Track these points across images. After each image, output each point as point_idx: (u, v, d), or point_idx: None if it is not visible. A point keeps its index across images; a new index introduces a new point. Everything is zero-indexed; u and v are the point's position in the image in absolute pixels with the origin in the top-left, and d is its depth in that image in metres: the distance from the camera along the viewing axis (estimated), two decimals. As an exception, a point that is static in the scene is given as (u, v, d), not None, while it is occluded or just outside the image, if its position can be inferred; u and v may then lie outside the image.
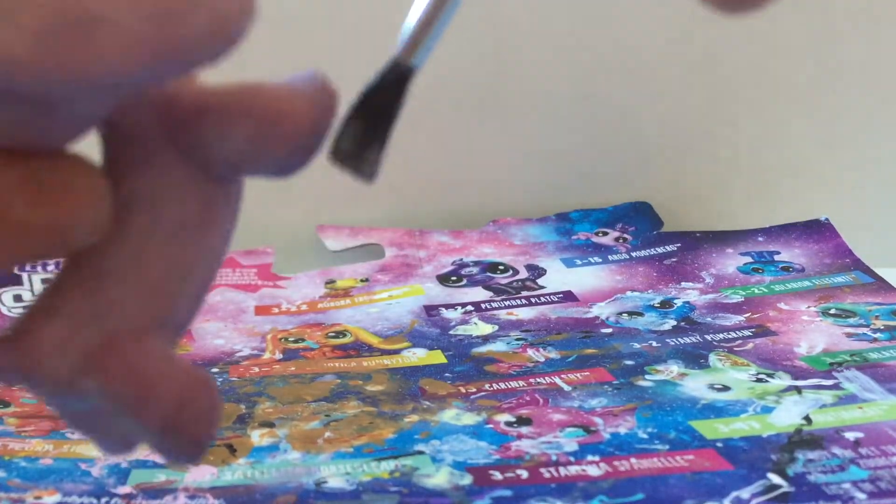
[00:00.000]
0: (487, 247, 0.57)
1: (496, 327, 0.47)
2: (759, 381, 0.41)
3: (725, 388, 0.40)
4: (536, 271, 0.54)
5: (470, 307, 0.50)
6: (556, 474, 0.34)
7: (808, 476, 0.34)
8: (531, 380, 0.42)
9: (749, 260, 0.53)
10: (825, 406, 0.38)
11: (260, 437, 0.37)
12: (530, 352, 0.44)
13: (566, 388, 0.41)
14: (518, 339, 0.46)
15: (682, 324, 0.47)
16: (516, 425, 0.38)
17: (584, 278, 0.53)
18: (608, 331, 0.46)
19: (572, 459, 0.35)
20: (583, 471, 0.35)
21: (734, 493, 0.33)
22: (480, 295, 0.51)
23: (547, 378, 0.42)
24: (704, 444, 0.36)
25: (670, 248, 0.55)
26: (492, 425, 0.38)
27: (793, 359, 0.43)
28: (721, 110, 0.59)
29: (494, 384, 0.41)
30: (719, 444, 0.36)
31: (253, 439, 0.37)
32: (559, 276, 0.53)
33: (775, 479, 0.34)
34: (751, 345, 0.44)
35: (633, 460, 0.35)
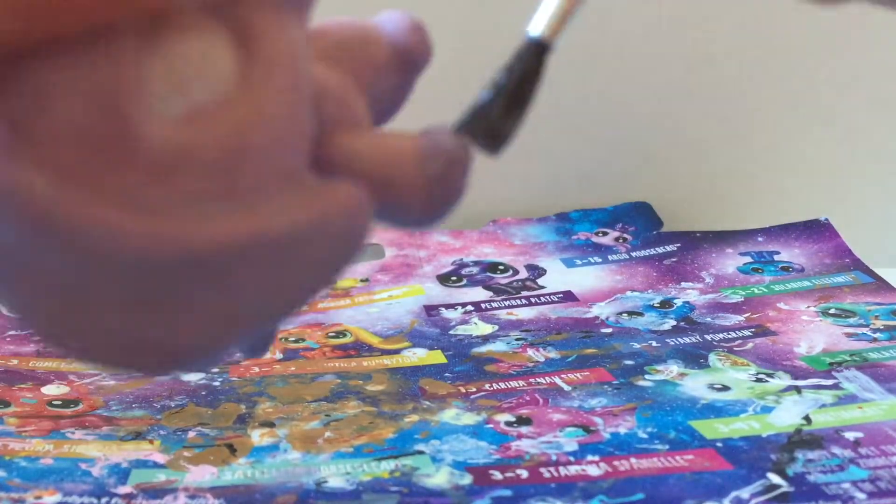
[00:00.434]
0: (487, 247, 0.57)
1: (496, 327, 0.47)
2: (758, 380, 0.41)
3: (725, 388, 0.40)
4: (536, 271, 0.54)
5: (470, 307, 0.50)
6: (555, 474, 0.34)
7: (807, 476, 0.34)
8: (531, 380, 0.42)
9: (749, 260, 0.53)
10: (825, 406, 0.38)
11: (260, 437, 0.37)
12: (530, 352, 0.45)
13: (566, 387, 0.41)
14: (518, 339, 0.46)
15: (682, 324, 0.47)
16: (516, 425, 0.38)
17: (584, 278, 0.53)
18: (608, 331, 0.47)
19: (572, 459, 0.35)
20: (583, 471, 0.35)
21: (734, 492, 0.33)
22: (480, 295, 0.51)
23: (547, 378, 0.42)
24: (704, 444, 0.36)
25: (670, 248, 0.55)
26: (492, 425, 0.38)
27: (792, 359, 0.43)
28: (721, 111, 0.59)
29: (494, 384, 0.41)
30: (719, 444, 0.36)
31: (253, 439, 0.37)
32: (559, 276, 0.53)
33: (775, 478, 0.34)
34: (750, 345, 0.44)
35: (633, 460, 0.35)
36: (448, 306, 0.50)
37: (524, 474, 0.34)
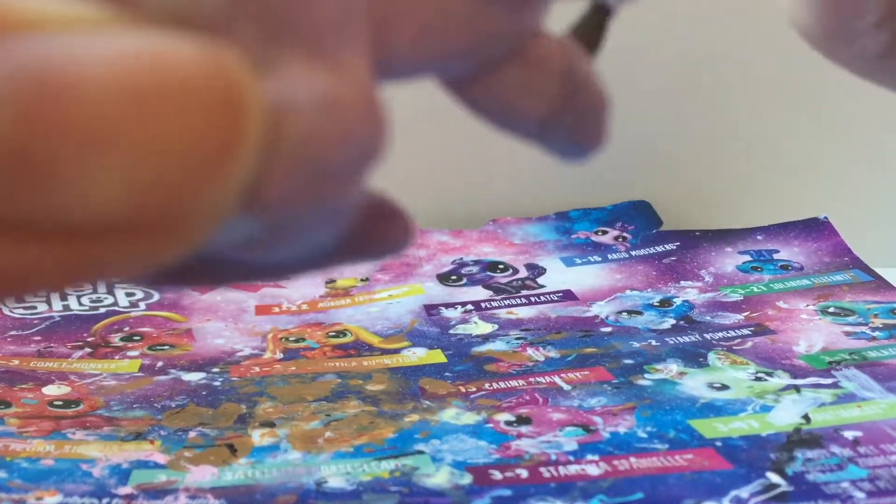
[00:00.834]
0: (487, 246, 0.57)
1: (496, 326, 0.48)
2: (758, 379, 0.41)
3: (724, 387, 0.40)
4: (536, 270, 0.54)
5: (470, 306, 0.50)
6: (555, 473, 0.34)
7: (806, 475, 0.34)
8: (531, 379, 0.42)
9: (748, 258, 0.54)
10: (824, 405, 0.39)
11: (260, 437, 0.37)
12: (530, 351, 0.45)
13: (566, 387, 0.41)
14: (518, 339, 0.46)
15: (682, 322, 0.47)
16: (516, 424, 0.38)
17: (584, 277, 0.53)
18: (608, 330, 0.47)
19: (572, 459, 0.35)
20: (582, 470, 0.35)
21: (733, 492, 0.33)
22: (480, 294, 0.51)
23: (546, 377, 0.42)
24: (703, 444, 0.36)
25: (669, 246, 0.55)
26: (492, 425, 0.38)
27: (792, 357, 0.43)
28: (721, 110, 0.59)
29: (494, 383, 0.42)
30: (718, 444, 0.36)
31: (254, 439, 0.37)
32: (559, 275, 0.53)
33: (774, 478, 0.34)
34: (750, 343, 0.44)
35: (633, 459, 0.35)
36: (448, 306, 0.50)
37: (524, 474, 0.34)
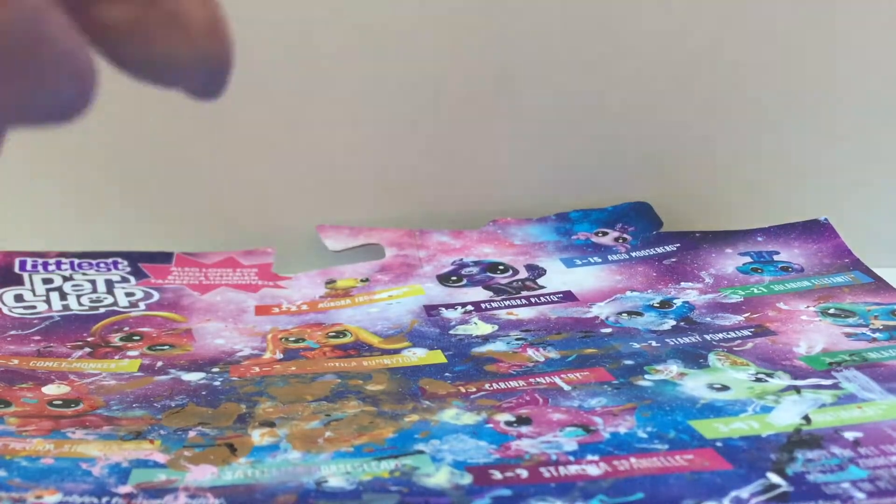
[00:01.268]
0: (487, 247, 0.57)
1: (496, 327, 0.48)
2: (758, 380, 0.41)
3: (725, 388, 0.40)
4: (536, 271, 0.54)
5: (470, 307, 0.50)
6: (555, 474, 0.34)
7: (807, 476, 0.34)
8: (531, 379, 0.42)
9: (748, 260, 0.54)
10: (824, 406, 0.38)
11: (260, 437, 0.37)
12: (530, 351, 0.45)
13: (566, 387, 0.41)
14: (518, 339, 0.46)
15: (682, 324, 0.47)
16: (516, 425, 0.38)
17: (584, 278, 0.53)
18: (608, 330, 0.47)
19: (572, 459, 0.35)
20: (582, 470, 0.35)
21: (733, 492, 0.33)
22: (480, 295, 0.51)
23: (547, 378, 0.42)
24: (704, 444, 0.36)
25: (670, 248, 0.55)
26: (492, 425, 0.38)
27: (792, 358, 0.43)
28: (721, 110, 0.59)
29: (494, 384, 0.42)
30: (718, 444, 0.36)
31: (253, 439, 0.37)
32: (559, 276, 0.53)
33: (774, 478, 0.34)
34: (750, 344, 0.44)
35: (633, 460, 0.35)
36: (448, 306, 0.50)
37: (524, 474, 0.34)
